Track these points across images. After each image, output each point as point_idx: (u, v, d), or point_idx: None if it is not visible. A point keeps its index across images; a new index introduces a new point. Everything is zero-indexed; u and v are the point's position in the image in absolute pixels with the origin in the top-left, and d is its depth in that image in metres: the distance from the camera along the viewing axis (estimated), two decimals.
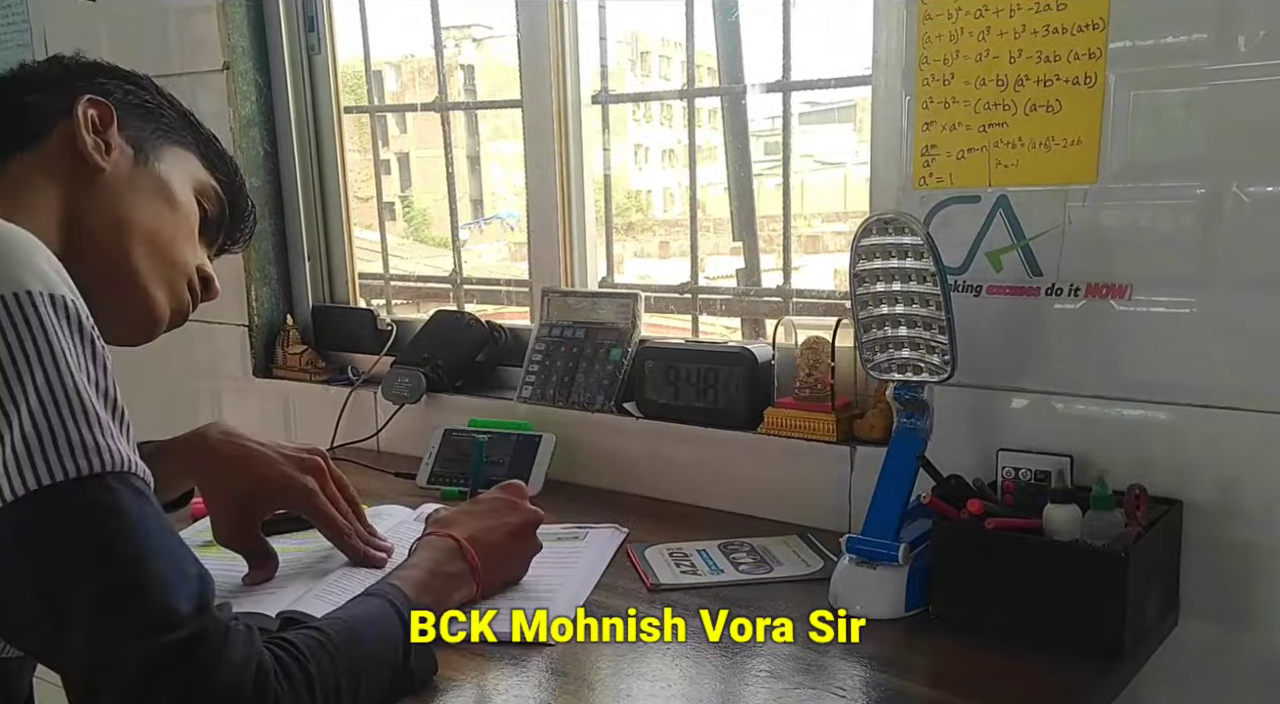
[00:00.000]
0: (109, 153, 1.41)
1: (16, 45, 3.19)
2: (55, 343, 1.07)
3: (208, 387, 3.03)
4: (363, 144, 2.98)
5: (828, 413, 1.99)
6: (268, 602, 1.61)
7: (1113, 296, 1.70)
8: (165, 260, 1.46)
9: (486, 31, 2.91)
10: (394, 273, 2.95)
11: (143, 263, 1.43)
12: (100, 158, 1.40)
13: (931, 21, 1.79)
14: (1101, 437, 1.73)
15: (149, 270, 1.44)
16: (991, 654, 1.47)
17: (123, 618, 1.05)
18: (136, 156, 1.45)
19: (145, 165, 1.46)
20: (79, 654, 1.04)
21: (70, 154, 1.39)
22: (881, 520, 1.63)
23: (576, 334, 2.38)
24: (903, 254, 1.60)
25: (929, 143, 1.83)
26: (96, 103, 1.41)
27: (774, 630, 1.55)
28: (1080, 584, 1.47)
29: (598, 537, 1.94)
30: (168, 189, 1.47)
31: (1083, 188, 1.70)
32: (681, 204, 2.45)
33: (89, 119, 1.40)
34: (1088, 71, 1.67)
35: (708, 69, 2.42)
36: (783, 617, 1.59)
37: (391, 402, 2.54)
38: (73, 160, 1.39)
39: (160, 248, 1.46)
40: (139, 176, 1.44)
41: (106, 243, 1.40)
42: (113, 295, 1.39)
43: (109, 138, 1.42)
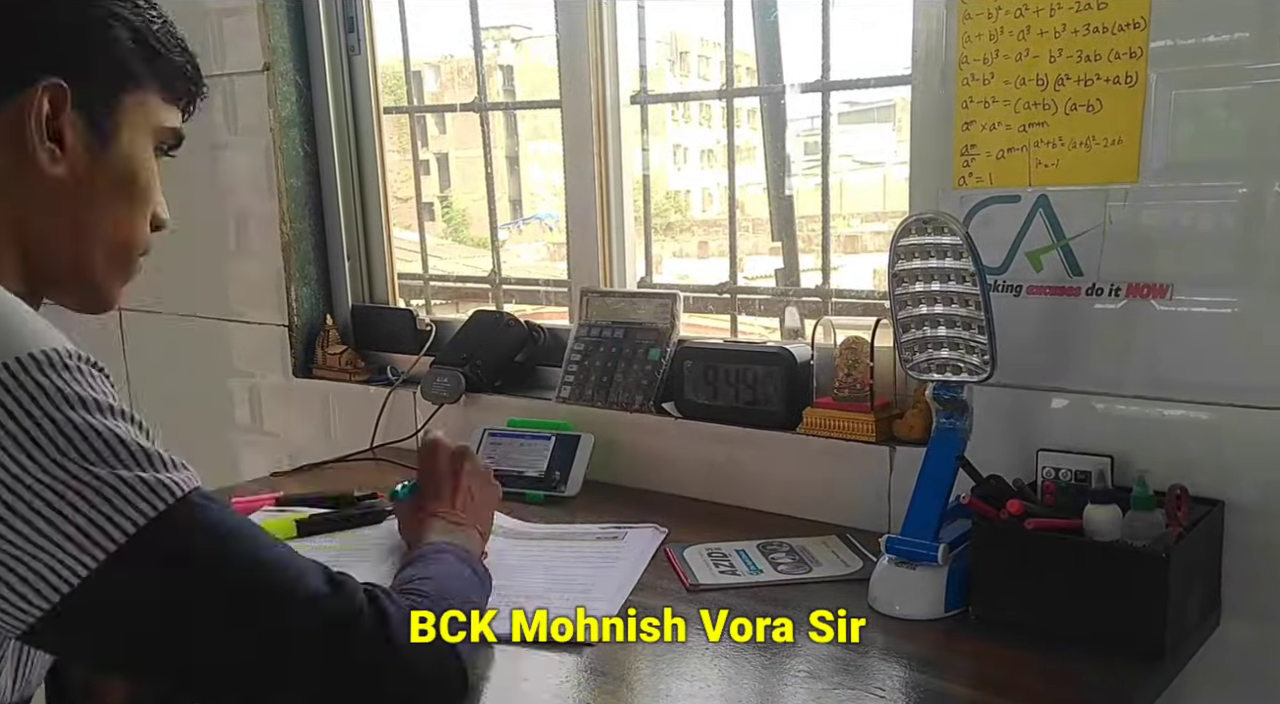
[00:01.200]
0: (64, 150, 1.26)
1: None
2: (72, 399, 1.05)
3: (247, 386, 3.05)
4: (402, 144, 2.99)
5: (867, 413, 1.99)
6: None
7: (1154, 296, 1.70)
8: (124, 254, 1.37)
9: (525, 32, 2.92)
10: (433, 273, 2.96)
11: (101, 265, 1.34)
12: (53, 162, 1.25)
13: (971, 21, 1.79)
14: (1142, 437, 1.73)
15: (108, 269, 1.36)
16: (1032, 655, 1.47)
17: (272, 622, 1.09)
18: (91, 142, 1.28)
19: (103, 151, 1.30)
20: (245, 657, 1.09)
21: (15, 151, 1.23)
22: (921, 521, 1.63)
23: (615, 334, 2.39)
24: (942, 254, 1.61)
25: (969, 142, 1.83)
26: (49, 88, 1.23)
27: (773, 631, 1.56)
28: (1121, 585, 1.47)
29: (637, 536, 1.94)
30: (129, 173, 1.33)
31: (1123, 187, 1.70)
32: (720, 204, 2.46)
33: (42, 117, 1.23)
34: (1129, 71, 1.67)
35: (747, 69, 2.42)
36: (783, 616, 1.60)
37: (431, 402, 2.55)
38: (19, 159, 1.24)
39: (120, 245, 1.36)
40: (97, 170, 1.30)
41: (64, 250, 1.31)
42: (70, 289, 1.35)
43: (62, 126, 1.25)
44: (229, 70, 2.87)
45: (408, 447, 2.63)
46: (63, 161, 1.26)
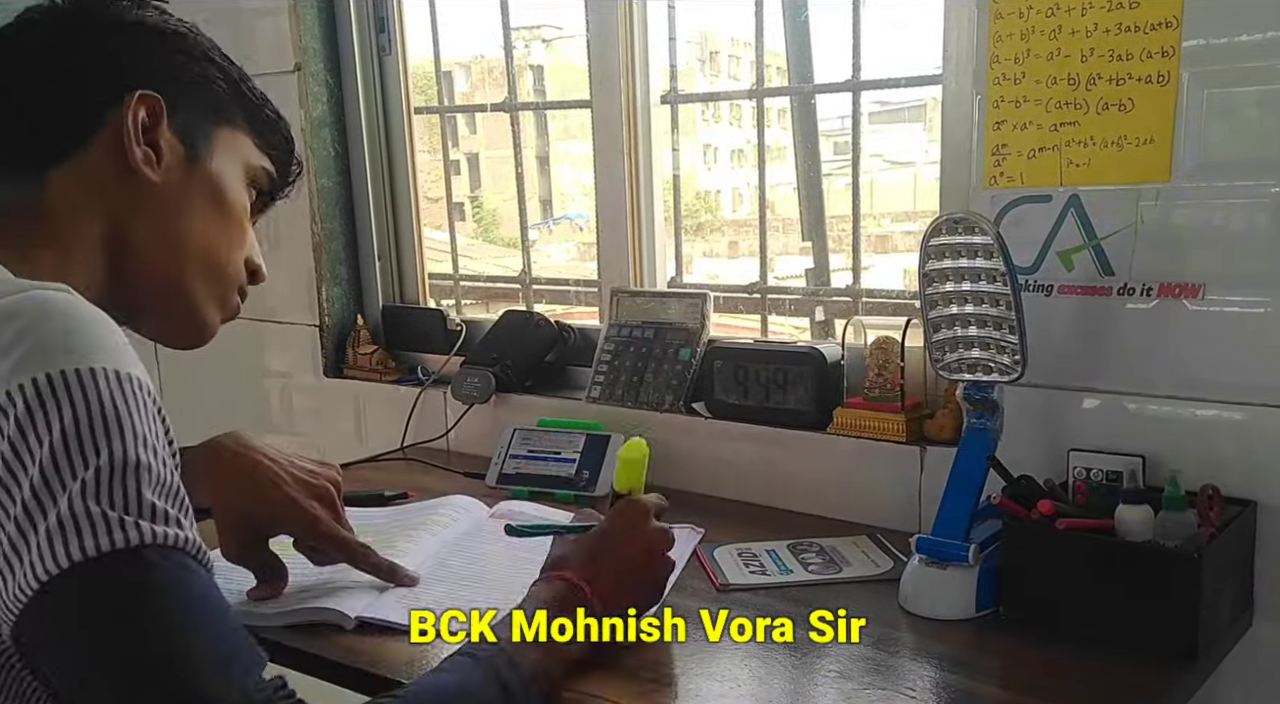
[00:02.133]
0: (159, 160, 1.31)
1: None
2: (114, 418, 1.03)
3: (279, 386, 3.06)
4: (432, 144, 3.00)
5: (897, 413, 2.00)
6: (346, 600, 1.62)
7: (1185, 296, 1.70)
8: (219, 276, 1.40)
9: (556, 32, 2.92)
10: (463, 273, 2.97)
11: (196, 283, 1.37)
12: (151, 171, 1.30)
13: (1002, 20, 1.79)
14: (1174, 437, 1.73)
15: (203, 289, 1.38)
16: (1063, 655, 1.47)
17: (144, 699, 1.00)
18: (187, 156, 1.34)
19: (197, 165, 1.35)
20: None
21: (116, 162, 1.29)
22: (952, 521, 1.63)
23: (645, 334, 2.39)
24: (973, 254, 1.61)
25: (1000, 142, 1.83)
26: (147, 99, 1.29)
27: (773, 630, 1.57)
28: (1152, 585, 1.47)
29: (678, 537, 1.95)
30: (221, 192, 1.38)
31: (1155, 187, 1.70)
32: (750, 204, 2.46)
33: (139, 122, 1.29)
34: (1160, 70, 1.67)
35: (777, 69, 2.43)
36: (783, 617, 1.61)
37: (461, 401, 2.56)
38: (119, 170, 1.29)
39: (214, 263, 1.39)
40: (191, 182, 1.35)
41: (159, 264, 1.33)
42: (164, 313, 1.36)
43: (158, 139, 1.31)
44: (260, 71, 2.85)
45: (438, 447, 2.64)
46: (158, 170, 1.30)
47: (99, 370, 1.03)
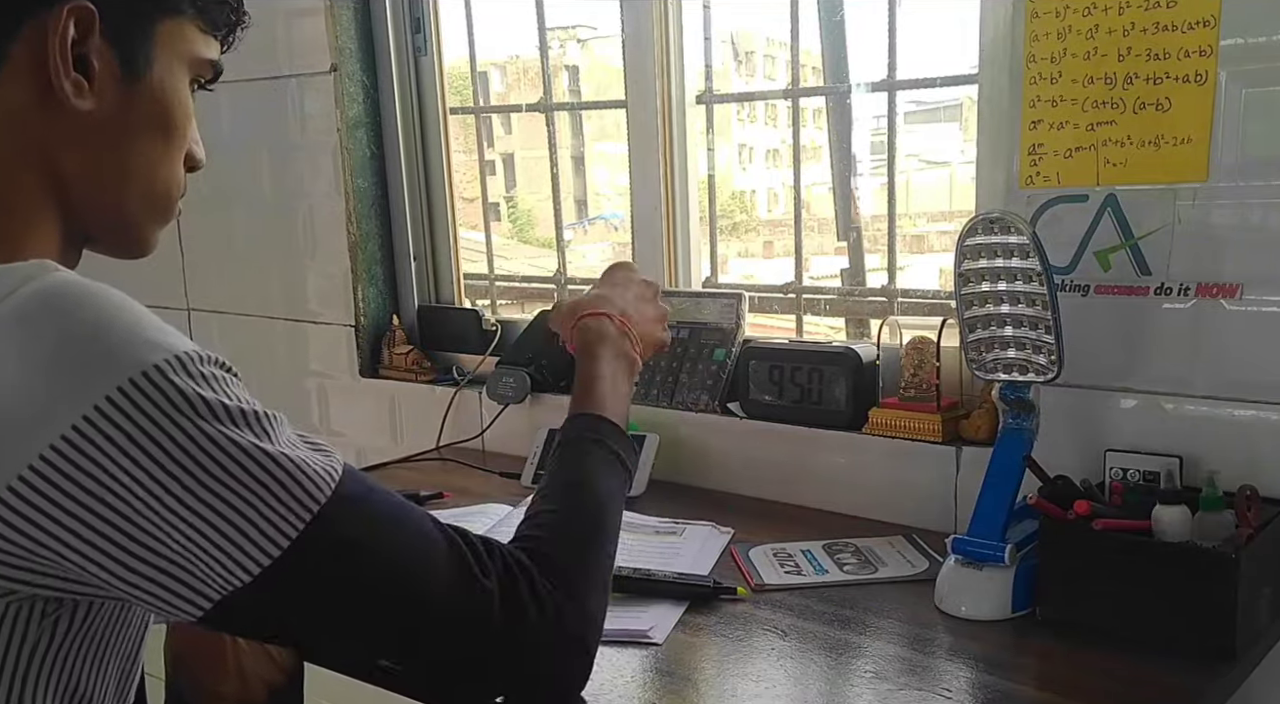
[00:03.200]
0: (92, 83, 1.14)
1: None
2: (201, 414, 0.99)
3: (315, 386, 3.07)
4: (468, 145, 3.01)
5: (933, 413, 2.00)
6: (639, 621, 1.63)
7: (1223, 296, 1.69)
8: (162, 197, 1.25)
9: (591, 32, 2.93)
10: (499, 273, 2.99)
11: (141, 210, 1.24)
12: (79, 96, 1.13)
13: (1039, 20, 1.79)
14: (1212, 437, 1.72)
15: (147, 214, 1.25)
16: (1099, 656, 1.47)
17: (414, 617, 1.11)
18: (122, 74, 1.16)
19: (135, 83, 1.18)
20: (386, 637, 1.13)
21: (40, 86, 1.12)
22: (987, 521, 1.63)
23: (680, 334, 2.39)
24: (1008, 253, 1.61)
25: (1036, 141, 1.82)
26: (76, 9, 1.10)
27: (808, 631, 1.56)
28: (1190, 586, 1.47)
29: (696, 533, 1.96)
30: (165, 109, 1.21)
31: (1193, 186, 1.70)
32: (785, 204, 2.46)
33: (67, 42, 1.11)
34: (1198, 69, 1.67)
35: (812, 68, 2.43)
36: (891, 617, 1.61)
37: (496, 402, 2.56)
38: (44, 95, 1.12)
39: (158, 187, 1.24)
40: (130, 105, 1.18)
41: (98, 194, 1.19)
42: (110, 239, 1.25)
43: (90, 53, 1.13)
44: (296, 71, 2.90)
45: (473, 447, 2.65)
46: (90, 96, 1.14)
47: (164, 364, 0.98)
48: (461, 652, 1.15)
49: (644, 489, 2.21)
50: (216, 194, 2.99)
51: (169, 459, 0.97)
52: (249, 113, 3.01)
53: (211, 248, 3.00)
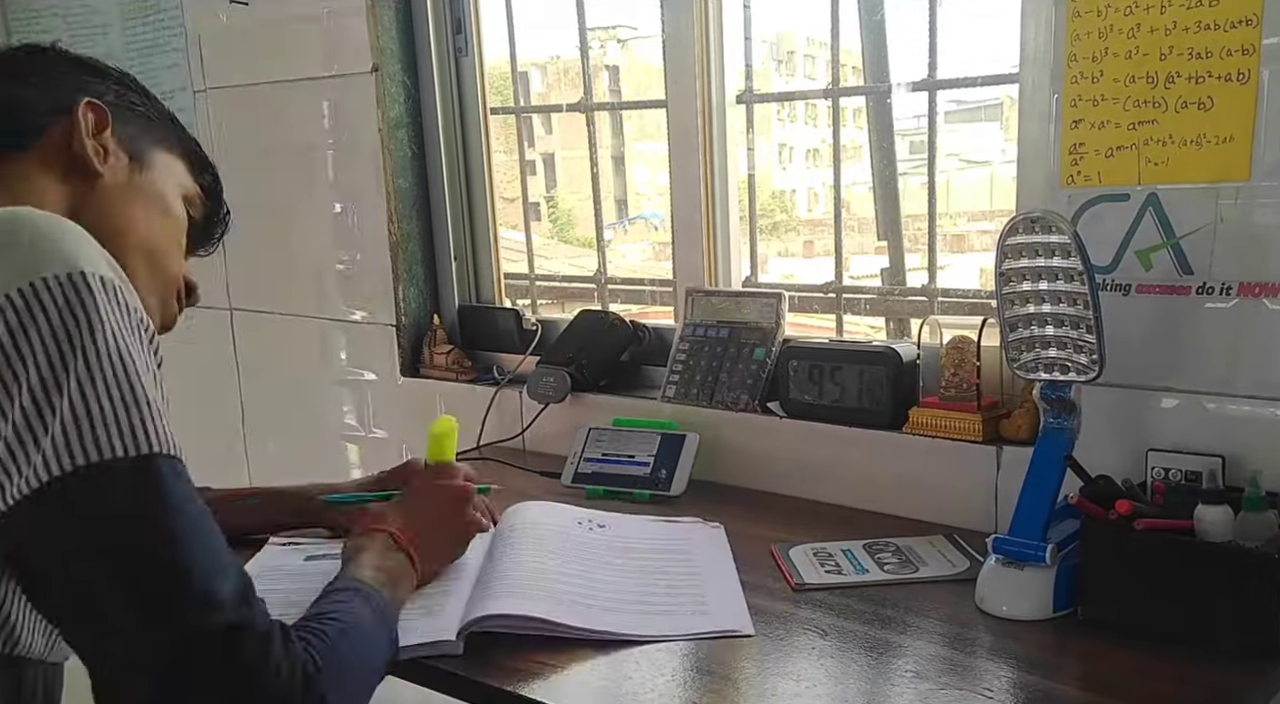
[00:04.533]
0: (106, 159, 1.43)
1: (170, 49, 3.28)
2: (107, 323, 1.11)
3: (356, 386, 3.09)
4: (508, 145, 3.02)
5: (973, 412, 1.99)
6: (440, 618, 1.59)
7: (1266, 296, 1.68)
8: (160, 273, 1.49)
9: (631, 32, 2.93)
10: (539, 273, 2.99)
11: (140, 276, 1.42)
12: (99, 163, 1.42)
13: (1081, 19, 1.79)
14: (1254, 437, 1.71)
15: (145, 284, 1.44)
16: (1141, 656, 1.47)
17: (165, 600, 1.06)
18: (131, 163, 1.47)
19: (139, 173, 1.48)
20: (118, 634, 1.06)
21: (66, 157, 1.41)
22: (1028, 521, 1.63)
23: (720, 334, 2.40)
24: (1049, 253, 1.61)
25: (1077, 141, 1.82)
26: (94, 106, 1.43)
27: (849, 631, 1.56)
28: (1233, 586, 1.46)
29: (693, 535, 1.98)
30: (162, 198, 1.51)
31: (1235, 185, 1.69)
32: (826, 203, 2.46)
33: (87, 122, 1.42)
34: (1240, 68, 1.66)
35: (852, 68, 2.42)
36: (932, 617, 1.61)
37: (537, 401, 2.57)
38: (70, 163, 1.41)
39: (156, 260, 1.48)
40: (134, 185, 1.47)
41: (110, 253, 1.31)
42: None
43: (105, 143, 1.44)
44: (338, 72, 2.91)
45: (513, 446, 2.65)
46: (105, 165, 1.43)
47: (87, 273, 1.13)
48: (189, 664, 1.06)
49: (684, 489, 2.21)
50: (259, 194, 3.00)
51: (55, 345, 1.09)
52: (290, 113, 3.03)
53: (253, 248, 3.02)
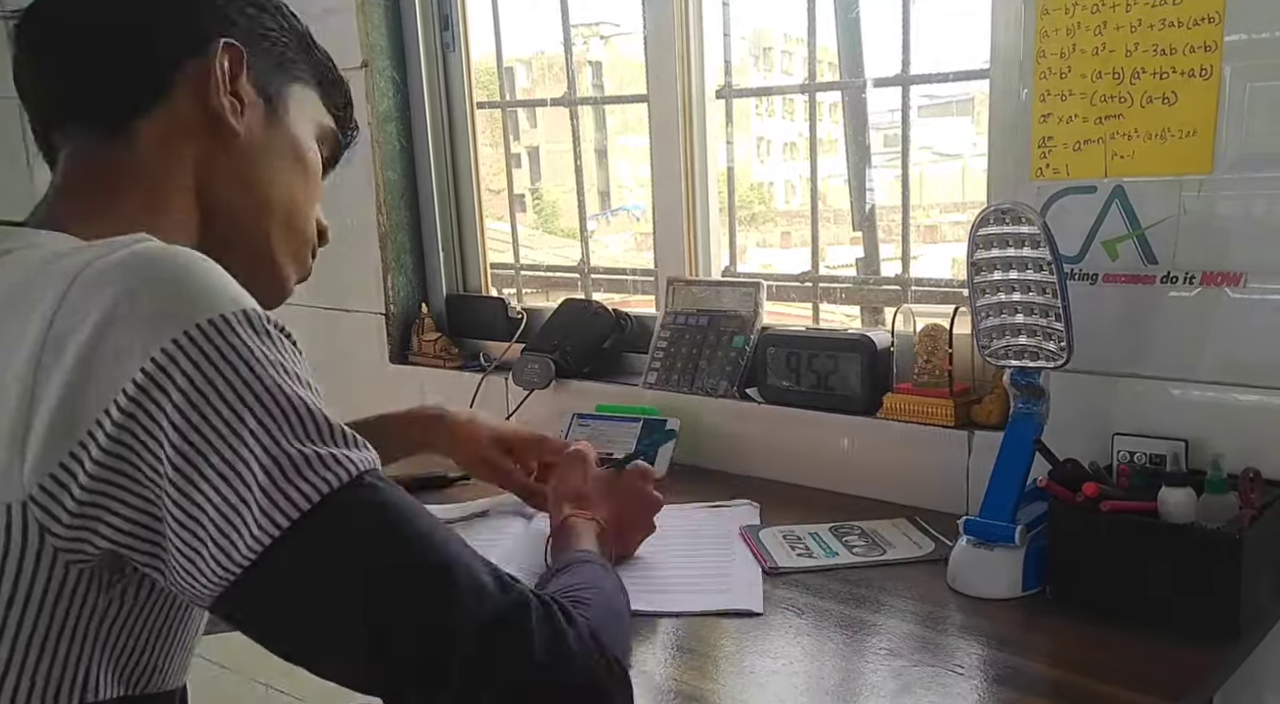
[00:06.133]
0: (243, 112, 1.26)
1: None
2: (264, 361, 1.00)
3: (346, 373, 3.08)
4: (494, 138, 3.02)
5: (946, 398, 2.00)
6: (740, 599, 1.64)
7: (1227, 284, 1.69)
8: (299, 234, 1.36)
9: (614, 29, 2.93)
10: (524, 262, 3.00)
11: (280, 243, 1.32)
12: (236, 120, 1.25)
13: (1049, 16, 1.79)
14: (1216, 421, 1.73)
15: (285, 249, 1.33)
16: (1107, 634, 1.48)
17: (443, 604, 1.01)
18: (267, 110, 1.29)
19: (275, 120, 1.30)
20: (410, 648, 1.00)
21: (201, 112, 1.23)
22: (999, 503, 1.63)
23: (700, 322, 2.40)
24: (1019, 243, 1.61)
25: (1046, 135, 1.83)
26: (231, 48, 1.24)
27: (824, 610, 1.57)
28: (1195, 566, 1.47)
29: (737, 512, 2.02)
30: (299, 147, 1.33)
31: (1198, 178, 1.70)
32: (802, 195, 2.46)
33: (225, 71, 1.23)
34: (1203, 64, 1.66)
35: (828, 64, 2.43)
36: (904, 596, 1.62)
37: (522, 387, 2.57)
38: (204, 120, 1.24)
39: (296, 222, 1.34)
40: (272, 137, 1.30)
41: (246, 222, 1.29)
42: (247, 272, 1.19)
43: (240, 90, 1.25)
44: None
45: None
46: (240, 121, 1.25)
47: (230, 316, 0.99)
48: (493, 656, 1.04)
49: (664, 472, 2.21)
50: None
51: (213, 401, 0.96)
52: None
53: None
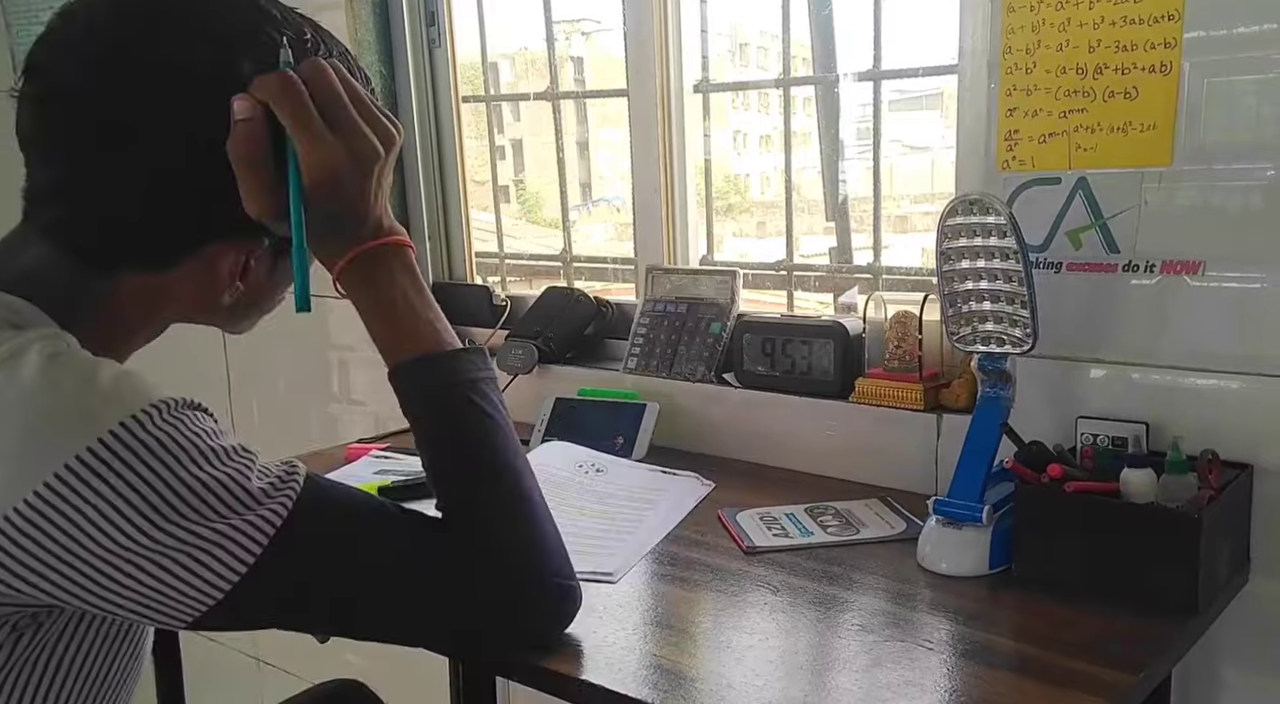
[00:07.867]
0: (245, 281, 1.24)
1: None
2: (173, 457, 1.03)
3: (337, 359, 3.08)
4: (479, 131, 3.01)
5: (915, 383, 2.00)
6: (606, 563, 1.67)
7: (1186, 273, 1.70)
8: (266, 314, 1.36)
9: (595, 25, 2.92)
10: (508, 252, 2.99)
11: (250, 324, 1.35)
12: (229, 298, 1.24)
13: (1015, 14, 1.79)
14: (1176, 405, 1.73)
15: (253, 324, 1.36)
16: (1071, 610, 1.48)
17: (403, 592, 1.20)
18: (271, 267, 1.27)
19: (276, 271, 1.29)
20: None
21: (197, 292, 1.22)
22: (967, 484, 1.64)
23: (679, 309, 2.40)
24: (987, 233, 1.61)
25: (1012, 128, 1.83)
26: (260, 256, 1.23)
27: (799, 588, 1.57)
28: (1155, 544, 1.48)
29: (679, 485, 2.03)
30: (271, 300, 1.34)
31: (1158, 170, 1.70)
32: (777, 187, 2.46)
33: (240, 265, 1.22)
34: (1163, 60, 1.67)
35: (803, 59, 2.42)
36: (876, 574, 1.62)
37: (506, 372, 2.56)
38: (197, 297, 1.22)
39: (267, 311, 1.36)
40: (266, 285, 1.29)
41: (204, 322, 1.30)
42: None
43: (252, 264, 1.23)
44: None
45: None
46: (240, 292, 1.24)
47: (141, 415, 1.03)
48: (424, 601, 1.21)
49: (644, 454, 2.22)
50: None
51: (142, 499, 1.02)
52: None
53: None
